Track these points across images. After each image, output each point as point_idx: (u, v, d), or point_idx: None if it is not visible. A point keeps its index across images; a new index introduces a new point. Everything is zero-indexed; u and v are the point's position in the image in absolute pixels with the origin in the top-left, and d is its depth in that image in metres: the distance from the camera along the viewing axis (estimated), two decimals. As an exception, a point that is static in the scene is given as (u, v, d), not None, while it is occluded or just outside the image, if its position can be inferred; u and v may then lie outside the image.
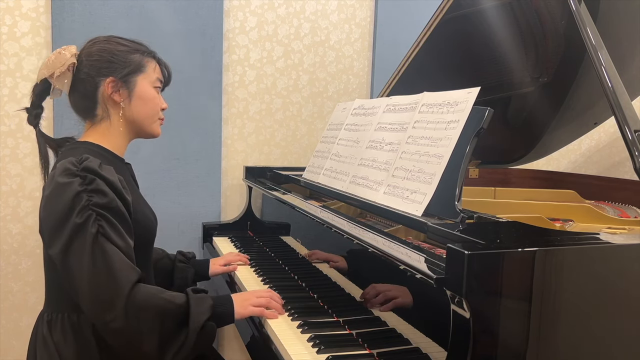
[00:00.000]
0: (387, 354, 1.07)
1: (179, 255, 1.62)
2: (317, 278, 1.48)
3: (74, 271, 1.10)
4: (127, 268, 1.11)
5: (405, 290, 1.10)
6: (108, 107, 1.29)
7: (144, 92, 1.31)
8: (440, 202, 1.17)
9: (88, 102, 1.29)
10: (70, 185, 1.12)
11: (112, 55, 1.28)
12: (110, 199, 1.14)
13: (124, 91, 1.28)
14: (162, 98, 1.38)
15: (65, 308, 1.21)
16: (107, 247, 1.10)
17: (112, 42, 1.30)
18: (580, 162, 2.83)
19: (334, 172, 1.65)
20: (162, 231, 1.69)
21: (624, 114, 1.25)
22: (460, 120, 1.22)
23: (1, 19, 2.01)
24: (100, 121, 1.30)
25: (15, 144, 2.07)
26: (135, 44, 1.33)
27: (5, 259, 2.10)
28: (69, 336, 1.19)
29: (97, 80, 1.27)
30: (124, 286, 1.09)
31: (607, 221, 1.50)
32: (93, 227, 1.10)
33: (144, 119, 1.33)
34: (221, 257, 1.73)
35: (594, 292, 0.93)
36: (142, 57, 1.31)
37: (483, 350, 0.84)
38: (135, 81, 1.29)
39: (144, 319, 1.10)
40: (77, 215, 1.10)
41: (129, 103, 1.29)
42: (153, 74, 1.33)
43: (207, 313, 1.16)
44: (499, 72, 1.88)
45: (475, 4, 1.75)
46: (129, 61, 1.29)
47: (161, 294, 1.15)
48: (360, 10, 2.46)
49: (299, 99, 2.42)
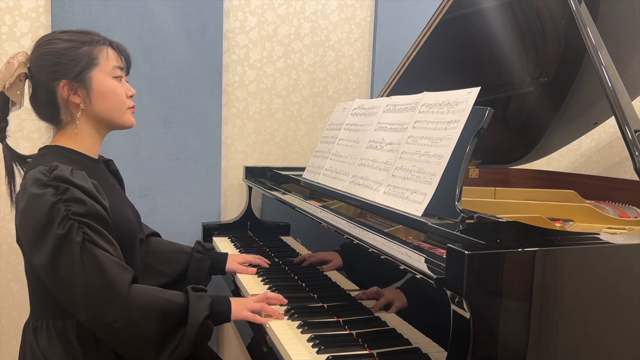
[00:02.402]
0: (387, 354, 1.07)
1: (197, 246, 1.61)
2: (317, 278, 1.48)
3: (66, 282, 1.09)
4: (120, 269, 1.11)
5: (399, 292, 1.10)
6: (71, 110, 1.23)
7: (103, 87, 1.23)
8: (440, 202, 1.17)
9: (50, 109, 1.24)
10: (43, 196, 1.09)
11: (58, 55, 1.20)
12: (88, 206, 1.11)
13: (81, 91, 1.22)
14: (127, 85, 1.29)
15: (49, 315, 1.20)
16: (96, 252, 1.09)
17: (55, 40, 1.22)
18: (580, 162, 2.83)
19: (334, 172, 1.65)
20: (162, 231, 1.70)
21: (624, 114, 1.25)
22: (460, 120, 1.22)
23: (1, 19, 2.01)
24: (67, 125, 1.25)
25: (15, 144, 2.04)
26: (80, 35, 1.24)
27: (5, 259, 2.10)
28: (54, 342, 1.18)
29: (51, 85, 1.20)
30: (120, 287, 1.09)
31: (607, 221, 1.49)
32: (78, 236, 1.08)
33: (110, 113, 1.26)
34: (241, 255, 1.71)
35: (594, 292, 0.93)
36: (92, 47, 1.22)
37: (483, 351, 0.84)
38: (91, 77, 1.21)
39: (146, 318, 1.10)
40: (58, 226, 1.08)
41: (90, 102, 1.23)
42: (108, 63, 1.24)
43: (206, 311, 1.17)
44: (499, 72, 1.88)
45: (475, 4, 1.75)
46: (78, 57, 1.20)
47: (161, 294, 1.15)
48: (360, 10, 2.46)
49: (299, 99, 2.42)
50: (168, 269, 1.51)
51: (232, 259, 1.65)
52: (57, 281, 1.10)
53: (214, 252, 1.66)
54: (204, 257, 1.59)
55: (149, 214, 2.13)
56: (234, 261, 1.65)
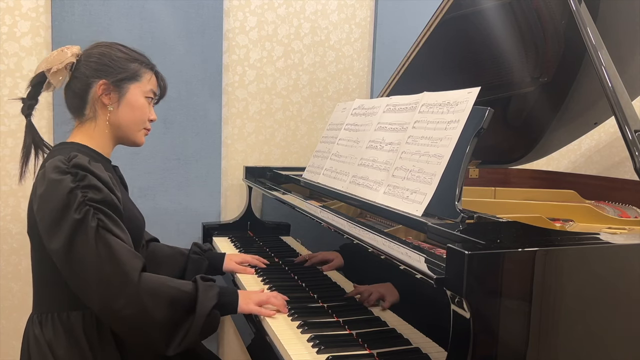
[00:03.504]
0: (387, 354, 1.07)
1: (194, 247, 1.65)
2: (317, 278, 1.49)
3: (79, 265, 1.13)
4: (132, 257, 1.15)
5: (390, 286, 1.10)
6: (97, 108, 1.31)
7: (134, 100, 1.33)
8: (440, 202, 1.17)
9: (79, 101, 1.31)
10: (62, 182, 1.15)
11: (111, 59, 1.30)
12: (105, 194, 1.17)
13: (114, 95, 1.30)
14: (152, 110, 1.39)
15: (55, 307, 1.23)
16: (109, 238, 1.13)
17: (113, 47, 1.33)
18: (580, 162, 2.83)
19: (334, 172, 1.65)
20: (162, 231, 1.70)
21: (624, 114, 1.25)
22: (460, 120, 1.22)
23: (1, 19, 2.01)
24: (87, 121, 1.32)
25: (15, 144, 2.07)
26: (136, 54, 1.36)
27: (5, 259, 2.10)
28: (60, 334, 1.21)
29: (90, 80, 1.29)
30: (131, 274, 1.12)
31: (607, 221, 1.49)
32: (93, 221, 1.13)
33: (129, 126, 1.34)
34: (238, 255, 1.72)
35: (594, 292, 0.93)
36: (140, 67, 1.34)
37: (483, 351, 0.84)
38: (128, 88, 1.32)
39: (155, 306, 1.13)
40: (75, 211, 1.13)
41: (117, 107, 1.31)
42: (147, 85, 1.35)
43: (214, 300, 1.20)
44: (499, 72, 1.88)
45: (475, 4, 1.75)
46: (126, 68, 1.31)
47: (170, 282, 1.19)
48: (360, 10, 2.46)
49: (299, 99, 2.42)
50: (166, 271, 1.53)
51: (230, 258, 1.67)
52: (71, 265, 1.13)
53: (211, 253, 1.68)
54: (201, 258, 1.62)
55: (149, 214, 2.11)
56: (232, 261, 1.66)
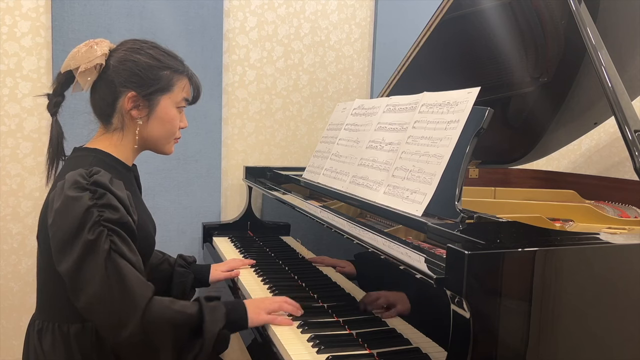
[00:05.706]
0: (387, 354, 1.07)
1: (179, 260, 1.58)
2: (317, 278, 1.48)
3: (86, 288, 1.08)
4: (142, 285, 1.10)
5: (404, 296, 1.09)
6: (125, 120, 1.24)
7: (164, 114, 1.26)
8: (440, 202, 1.17)
9: (106, 108, 1.24)
10: (79, 199, 1.09)
11: (140, 68, 1.21)
12: (121, 215, 1.12)
13: (143, 109, 1.23)
14: (184, 116, 1.33)
15: (57, 318, 1.19)
16: (120, 263, 1.08)
17: (143, 51, 1.24)
18: (580, 162, 2.83)
19: (334, 172, 1.65)
20: (162, 231, 1.70)
21: (624, 114, 1.25)
22: (460, 120, 1.22)
23: (1, 19, 2.01)
24: (114, 130, 1.25)
25: (15, 144, 2.07)
26: (168, 58, 1.27)
27: (5, 259, 2.10)
28: (58, 347, 1.17)
29: (119, 89, 1.21)
30: (139, 303, 1.08)
31: (607, 221, 1.49)
32: (105, 243, 1.08)
33: (159, 139, 1.28)
34: (224, 263, 1.68)
35: (594, 292, 0.93)
36: (173, 74, 1.26)
37: (483, 350, 0.84)
38: (158, 100, 1.24)
39: (158, 332, 1.09)
40: (88, 231, 1.07)
41: (146, 121, 1.24)
42: (180, 94, 1.28)
43: (221, 322, 1.15)
44: (499, 72, 1.88)
45: (475, 4, 1.75)
46: (157, 78, 1.23)
47: (173, 306, 1.14)
48: (360, 11, 2.46)
49: (299, 99, 2.42)
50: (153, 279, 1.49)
51: (215, 268, 1.62)
52: (78, 285, 1.08)
53: (196, 265, 1.62)
54: (186, 272, 1.56)
55: (149, 214, 2.13)
56: (217, 270, 1.61)
